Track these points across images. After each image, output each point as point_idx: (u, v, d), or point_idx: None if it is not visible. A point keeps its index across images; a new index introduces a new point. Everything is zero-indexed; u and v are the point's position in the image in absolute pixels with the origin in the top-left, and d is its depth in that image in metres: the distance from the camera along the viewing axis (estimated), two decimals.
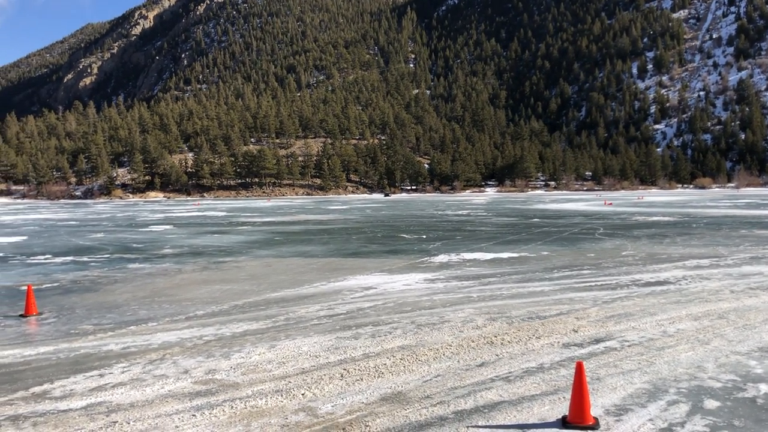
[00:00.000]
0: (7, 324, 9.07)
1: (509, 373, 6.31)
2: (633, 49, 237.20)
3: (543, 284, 12.00)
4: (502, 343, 7.43)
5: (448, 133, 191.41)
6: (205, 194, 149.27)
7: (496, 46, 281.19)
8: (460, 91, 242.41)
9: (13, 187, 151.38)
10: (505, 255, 17.16)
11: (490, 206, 61.81)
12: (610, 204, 61.89)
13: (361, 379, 6.10)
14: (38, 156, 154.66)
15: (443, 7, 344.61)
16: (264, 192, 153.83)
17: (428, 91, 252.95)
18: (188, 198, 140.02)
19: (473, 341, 7.54)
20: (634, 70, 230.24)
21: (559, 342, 7.50)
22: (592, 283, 12.02)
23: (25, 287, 11.56)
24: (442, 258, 16.71)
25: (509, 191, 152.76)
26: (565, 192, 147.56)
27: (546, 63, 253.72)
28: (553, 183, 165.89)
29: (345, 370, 6.40)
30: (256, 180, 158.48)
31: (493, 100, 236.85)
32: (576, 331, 8.03)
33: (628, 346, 7.31)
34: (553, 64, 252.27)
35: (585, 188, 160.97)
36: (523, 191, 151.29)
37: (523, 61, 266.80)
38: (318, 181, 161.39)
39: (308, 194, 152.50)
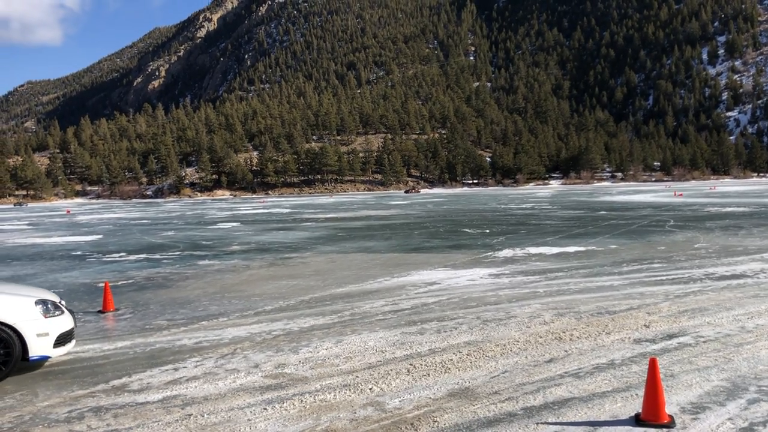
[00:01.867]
0: (87, 320, 9.48)
1: (579, 369, 6.19)
2: (703, 33, 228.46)
3: (612, 278, 11.72)
4: (570, 339, 7.29)
5: (510, 126, 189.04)
6: (269, 191, 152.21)
7: (558, 36, 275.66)
8: (522, 82, 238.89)
9: (88, 188, 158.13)
10: (571, 249, 16.84)
11: (554, 199, 60.73)
12: (681, 195, 59.88)
13: (428, 375, 6.10)
14: (111, 157, 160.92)
15: None
16: (326, 188, 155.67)
17: (489, 84, 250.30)
18: (254, 195, 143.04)
19: (541, 337, 7.43)
20: (705, 56, 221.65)
21: (630, 338, 7.32)
22: (664, 277, 11.66)
23: (103, 284, 12.07)
24: (506, 252, 16.53)
25: (574, 183, 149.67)
26: (632, 183, 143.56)
27: (611, 51, 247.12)
28: (619, 174, 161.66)
29: (411, 365, 6.42)
30: (319, 177, 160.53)
31: (556, 91, 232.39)
32: (647, 327, 7.81)
33: (704, 342, 7.07)
34: (618, 52, 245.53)
35: (653, 179, 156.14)
36: (588, 183, 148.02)
37: (587, 50, 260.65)
38: (379, 176, 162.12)
39: (369, 190, 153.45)
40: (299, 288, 11.88)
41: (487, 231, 24.07)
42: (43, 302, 6.71)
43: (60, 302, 7.01)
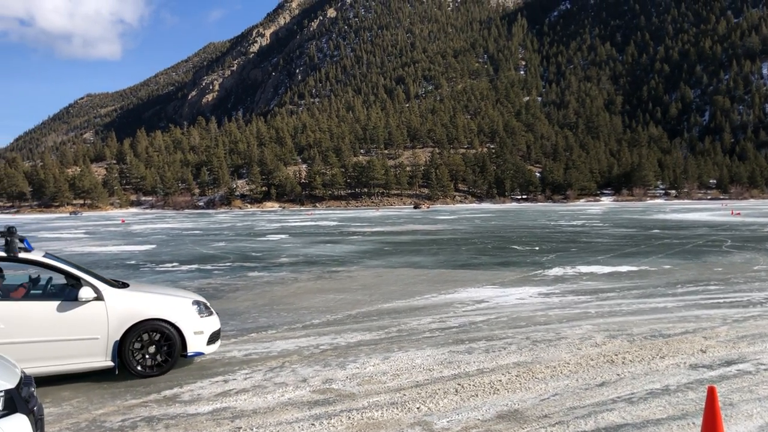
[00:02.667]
0: None
1: (632, 394, 6.03)
2: (763, 47, 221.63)
3: (666, 300, 11.41)
4: (623, 362, 7.12)
5: (561, 141, 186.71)
6: (317, 204, 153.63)
7: (611, 51, 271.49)
8: (573, 97, 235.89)
9: (143, 198, 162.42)
10: (623, 268, 16.48)
11: (606, 216, 59.63)
12: (738, 214, 58.00)
13: (476, 395, 6.03)
14: (165, 169, 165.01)
15: (555, 13, 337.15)
16: (373, 202, 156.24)
17: (539, 98, 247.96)
18: (302, 208, 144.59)
19: (592, 359, 7.27)
20: (765, 71, 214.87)
21: (685, 363, 7.09)
22: (721, 300, 11.29)
23: None
24: (556, 271, 16.27)
25: (626, 200, 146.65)
26: (686, 201, 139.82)
27: (665, 66, 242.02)
28: (673, 192, 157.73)
29: (459, 385, 6.36)
30: (365, 190, 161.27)
31: (608, 106, 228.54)
32: (704, 352, 7.56)
33: (765, 369, 6.80)
34: (673, 67, 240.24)
35: (709, 197, 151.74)
36: (641, 200, 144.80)
37: (641, 64, 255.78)
38: (426, 190, 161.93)
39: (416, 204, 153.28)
40: (346, 302, 11.93)
41: (537, 248, 23.76)
42: (197, 303, 7.41)
43: (208, 305, 7.66)
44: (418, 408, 5.70)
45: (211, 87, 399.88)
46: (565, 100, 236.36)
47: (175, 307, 7.15)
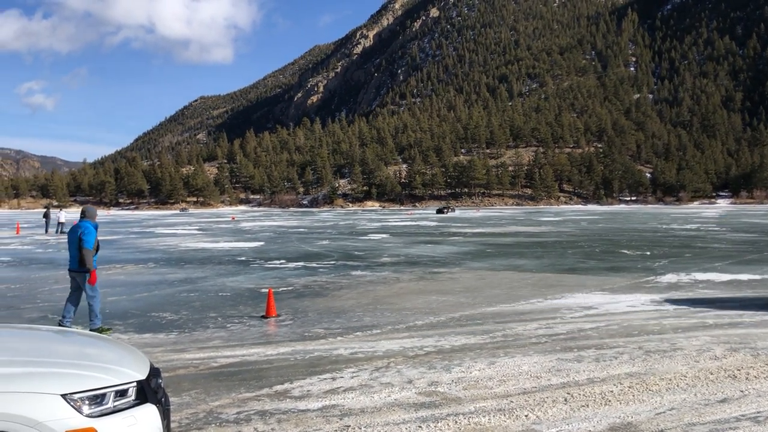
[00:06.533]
0: (251, 324, 10.10)
1: (758, 413, 5.65)
2: None
3: None
4: (747, 378, 6.69)
5: (674, 140, 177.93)
6: (416, 204, 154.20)
7: (730, 45, 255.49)
8: (688, 94, 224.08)
9: (251, 196, 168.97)
10: (744, 276, 15.49)
11: (723, 220, 56.33)
12: None
13: (587, 406, 5.85)
14: (272, 168, 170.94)
15: (668, 6, 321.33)
16: (473, 202, 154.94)
17: (651, 96, 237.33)
18: (401, 207, 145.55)
19: (711, 373, 6.88)
20: None
21: None
22: None
23: (265, 290, 12.83)
24: (669, 278, 15.52)
25: (745, 203, 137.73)
26: None
27: None
28: None
29: (569, 394, 6.19)
30: (466, 190, 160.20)
31: (726, 103, 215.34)
32: None
33: None
34: None
35: None
36: (762, 203, 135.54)
37: (764, 58, 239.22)
38: (529, 191, 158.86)
39: (518, 205, 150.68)
40: (449, 304, 11.90)
41: (648, 253, 22.76)
42: None
43: None
44: (526, 416, 5.60)
45: (315, 88, 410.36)
46: (679, 97, 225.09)
47: None
